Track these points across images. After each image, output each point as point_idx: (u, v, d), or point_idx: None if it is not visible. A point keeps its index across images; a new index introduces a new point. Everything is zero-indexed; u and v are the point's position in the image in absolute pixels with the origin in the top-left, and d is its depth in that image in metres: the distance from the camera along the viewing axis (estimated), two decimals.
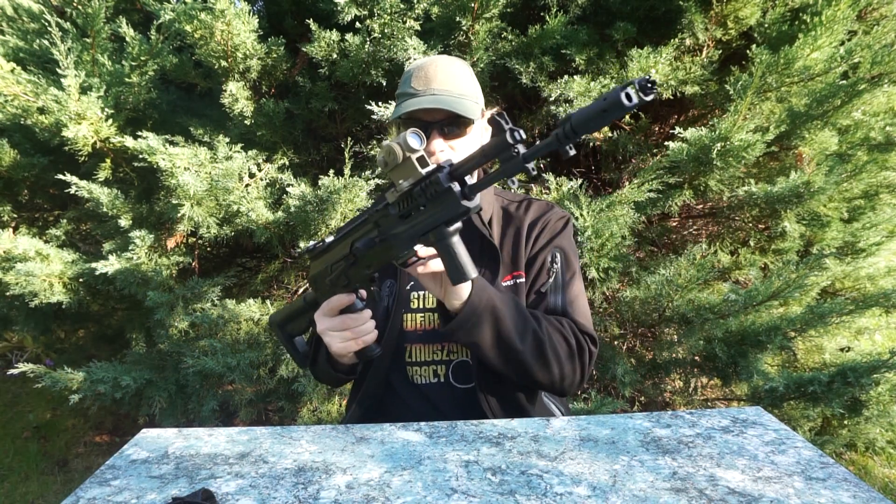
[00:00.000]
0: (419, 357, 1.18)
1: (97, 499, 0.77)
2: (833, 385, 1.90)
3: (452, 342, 1.16)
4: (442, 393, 1.16)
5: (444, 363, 1.17)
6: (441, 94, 1.10)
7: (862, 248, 2.36)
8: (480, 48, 2.02)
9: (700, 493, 0.72)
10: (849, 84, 1.95)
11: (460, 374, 1.17)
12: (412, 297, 1.20)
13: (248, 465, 0.85)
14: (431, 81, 1.11)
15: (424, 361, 1.17)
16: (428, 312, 1.18)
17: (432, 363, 1.17)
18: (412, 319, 1.18)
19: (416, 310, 1.19)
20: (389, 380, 1.18)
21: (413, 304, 1.19)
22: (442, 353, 1.17)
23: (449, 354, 1.17)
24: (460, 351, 1.17)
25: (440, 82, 1.11)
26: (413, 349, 1.18)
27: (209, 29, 1.96)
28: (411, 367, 1.18)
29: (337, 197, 1.98)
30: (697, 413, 0.97)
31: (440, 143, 1.11)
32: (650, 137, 2.50)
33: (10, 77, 2.00)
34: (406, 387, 1.18)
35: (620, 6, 2.16)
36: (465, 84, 1.14)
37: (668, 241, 2.61)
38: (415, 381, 1.17)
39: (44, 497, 2.50)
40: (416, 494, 0.74)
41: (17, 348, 3.29)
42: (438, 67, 1.13)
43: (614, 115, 0.61)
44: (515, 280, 1.16)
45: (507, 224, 1.22)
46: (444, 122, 1.10)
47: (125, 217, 2.16)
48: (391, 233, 0.90)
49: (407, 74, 1.16)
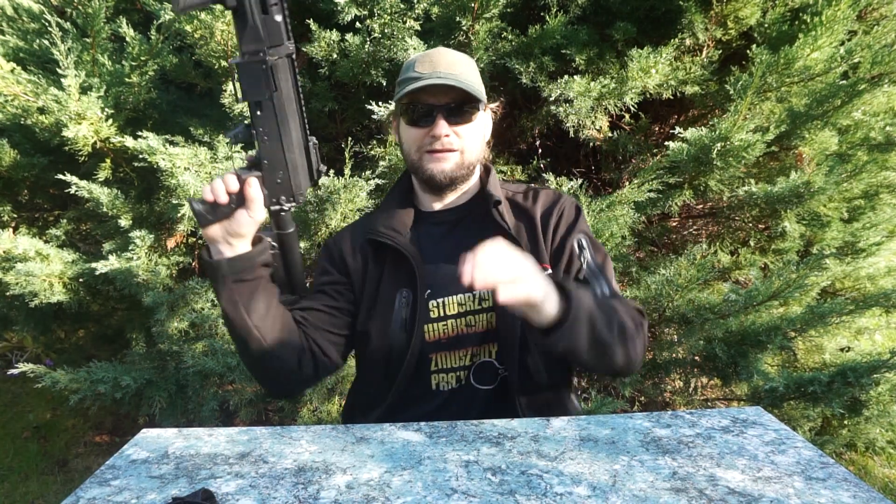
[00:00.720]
0: (444, 364, 1.14)
1: (97, 499, 0.77)
2: (833, 385, 1.90)
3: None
4: (462, 396, 1.13)
5: (467, 368, 1.14)
6: (447, 76, 1.06)
7: (862, 248, 2.36)
8: (480, 48, 2.02)
9: (700, 493, 0.72)
10: (849, 84, 1.95)
11: (482, 375, 1.13)
12: (430, 306, 1.13)
13: (248, 465, 0.85)
14: (438, 66, 1.07)
15: (451, 368, 1.14)
16: (450, 320, 1.13)
17: (457, 369, 1.14)
18: (433, 330, 1.12)
19: (437, 318, 1.12)
20: (411, 389, 1.13)
21: (432, 313, 1.13)
22: (466, 357, 1.13)
23: (473, 358, 1.13)
24: (483, 353, 1.13)
25: (447, 66, 1.07)
26: (438, 357, 1.13)
27: (209, 29, 1.97)
28: (437, 374, 1.13)
29: (337, 197, 1.98)
30: (697, 413, 0.97)
31: (445, 127, 1.07)
32: (650, 137, 2.50)
33: (10, 77, 2.00)
34: (427, 394, 1.14)
35: (620, 6, 2.16)
36: (471, 73, 1.11)
37: (668, 241, 2.61)
38: (439, 388, 1.13)
39: (44, 497, 2.50)
40: (416, 494, 0.74)
41: (17, 348, 3.29)
42: (444, 54, 1.11)
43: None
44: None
45: (518, 216, 1.17)
46: (451, 105, 1.07)
47: (125, 217, 2.16)
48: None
49: (410, 62, 1.13)
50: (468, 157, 1.12)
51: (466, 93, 1.06)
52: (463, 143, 1.10)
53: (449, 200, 1.19)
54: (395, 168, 2.10)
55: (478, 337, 1.13)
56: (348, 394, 1.31)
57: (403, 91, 1.07)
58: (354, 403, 1.26)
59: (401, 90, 1.09)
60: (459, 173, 1.12)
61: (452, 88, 1.06)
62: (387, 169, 2.09)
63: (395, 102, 1.14)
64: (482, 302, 1.12)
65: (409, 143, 1.13)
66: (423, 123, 1.09)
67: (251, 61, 0.80)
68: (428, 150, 1.10)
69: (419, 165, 1.12)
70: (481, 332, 1.13)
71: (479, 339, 1.13)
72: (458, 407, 1.12)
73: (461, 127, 1.09)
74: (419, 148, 1.11)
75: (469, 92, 1.06)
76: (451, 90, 1.06)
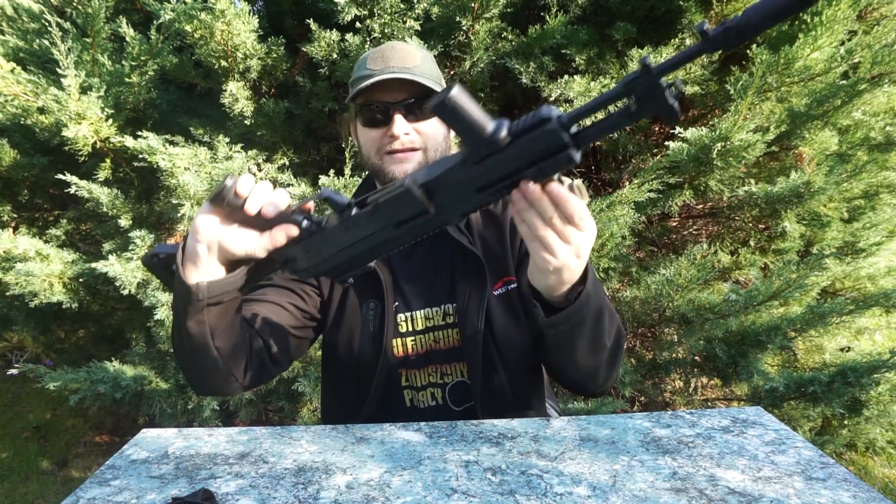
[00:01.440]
0: (416, 381, 1.09)
1: (97, 499, 0.77)
2: (833, 385, 1.90)
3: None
4: (440, 416, 1.09)
5: (440, 386, 1.09)
6: (400, 71, 0.98)
7: (862, 248, 2.36)
8: (480, 48, 2.02)
9: (700, 493, 0.72)
10: (849, 84, 1.95)
11: (456, 395, 1.09)
12: (399, 319, 1.08)
13: (248, 465, 0.85)
14: (390, 60, 1.00)
15: (422, 385, 1.09)
16: (419, 335, 1.08)
17: (430, 386, 1.09)
18: (402, 345, 1.08)
19: (405, 334, 1.08)
20: (384, 404, 1.08)
21: (401, 327, 1.08)
22: (436, 375, 1.09)
23: (443, 377, 1.08)
24: (454, 372, 1.09)
25: (400, 60, 1.00)
26: (409, 374, 1.09)
27: (209, 29, 1.97)
28: (410, 390, 1.10)
29: None
30: (697, 413, 0.97)
31: (403, 125, 0.99)
32: (650, 137, 2.50)
33: (10, 77, 2.00)
34: (405, 411, 1.10)
35: (620, 6, 2.16)
36: (425, 64, 1.03)
37: (668, 241, 2.61)
38: (415, 405, 1.09)
39: (44, 497, 2.50)
40: (416, 494, 0.74)
41: (17, 348, 3.29)
42: (397, 48, 1.03)
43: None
44: (507, 287, 1.06)
45: (486, 225, 1.10)
46: (408, 100, 0.99)
47: (125, 217, 2.16)
48: (455, 179, 0.66)
49: (361, 60, 1.05)
50: (432, 155, 1.04)
51: (424, 86, 0.99)
52: (425, 141, 1.02)
53: None
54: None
55: (445, 354, 1.08)
56: (321, 407, 1.24)
57: (355, 90, 1.00)
58: (329, 419, 1.20)
59: (353, 90, 1.02)
60: None
61: (408, 83, 0.98)
62: None
63: (348, 103, 1.06)
64: (446, 317, 1.07)
65: (367, 146, 1.05)
66: (380, 123, 1.01)
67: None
68: (388, 152, 1.02)
69: (380, 168, 1.04)
70: (447, 349, 1.08)
71: (447, 357, 1.09)
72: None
73: (421, 123, 1.01)
74: (378, 150, 1.03)
75: (426, 85, 0.99)
76: (407, 84, 0.99)
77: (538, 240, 0.69)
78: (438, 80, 1.05)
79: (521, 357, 1.07)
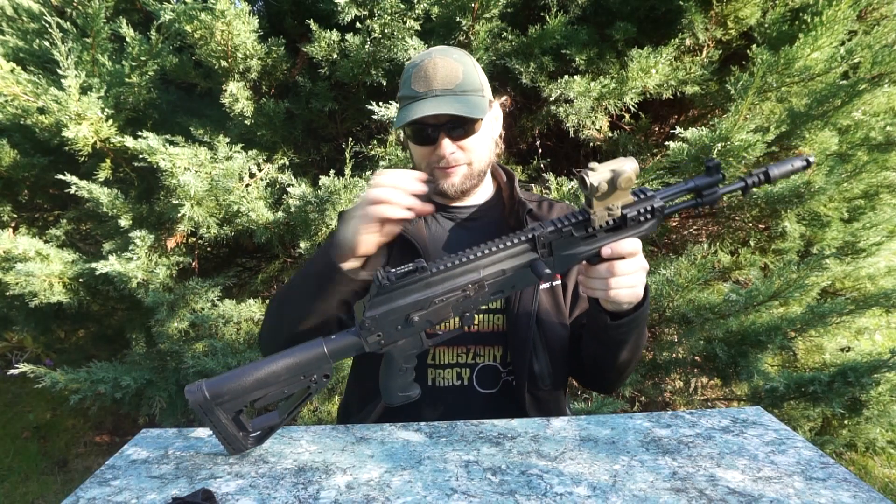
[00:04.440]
0: (442, 360, 1.14)
1: (97, 499, 0.77)
2: (833, 385, 1.90)
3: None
4: (462, 397, 1.13)
5: (469, 366, 1.13)
6: (443, 94, 1.06)
7: (862, 248, 2.36)
8: (480, 48, 2.02)
9: (700, 493, 0.72)
10: (849, 84, 1.95)
11: (485, 378, 1.14)
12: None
13: (248, 465, 0.85)
14: (432, 81, 1.07)
15: (448, 364, 1.13)
16: None
17: (456, 366, 1.14)
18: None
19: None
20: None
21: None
22: (467, 356, 1.13)
23: (475, 358, 1.13)
24: (487, 355, 1.13)
25: (441, 81, 1.07)
26: (437, 351, 1.13)
27: (209, 29, 1.96)
28: (434, 369, 1.13)
29: (337, 197, 1.98)
30: (697, 413, 0.97)
31: (449, 146, 1.09)
32: (650, 137, 2.50)
33: (10, 77, 2.00)
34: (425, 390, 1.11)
35: (620, 6, 2.16)
36: (467, 78, 1.09)
37: (668, 241, 2.61)
38: (436, 384, 1.13)
39: (44, 497, 2.50)
40: (416, 494, 0.74)
41: (17, 348, 3.29)
42: (437, 65, 1.09)
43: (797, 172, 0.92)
44: (552, 284, 1.14)
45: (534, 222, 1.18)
46: (451, 124, 1.07)
47: (125, 217, 2.16)
48: (564, 253, 0.90)
49: (406, 75, 1.13)
50: (477, 167, 1.14)
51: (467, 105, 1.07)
52: (470, 156, 1.12)
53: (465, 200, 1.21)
54: (396, 168, 2.10)
55: (481, 337, 1.13)
56: (345, 391, 1.30)
57: (403, 121, 1.07)
58: (350, 400, 1.26)
59: (401, 111, 1.10)
60: (470, 184, 1.15)
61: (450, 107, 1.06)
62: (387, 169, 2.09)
63: (398, 125, 1.15)
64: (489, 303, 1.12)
65: (417, 159, 1.16)
66: (428, 141, 1.10)
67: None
68: (437, 167, 1.12)
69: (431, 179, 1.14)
70: (485, 333, 1.13)
71: (483, 340, 1.13)
72: (457, 406, 1.12)
73: (465, 141, 1.10)
74: (428, 164, 1.13)
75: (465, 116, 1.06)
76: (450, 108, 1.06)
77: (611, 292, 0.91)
78: (482, 88, 1.11)
79: (561, 347, 1.15)
